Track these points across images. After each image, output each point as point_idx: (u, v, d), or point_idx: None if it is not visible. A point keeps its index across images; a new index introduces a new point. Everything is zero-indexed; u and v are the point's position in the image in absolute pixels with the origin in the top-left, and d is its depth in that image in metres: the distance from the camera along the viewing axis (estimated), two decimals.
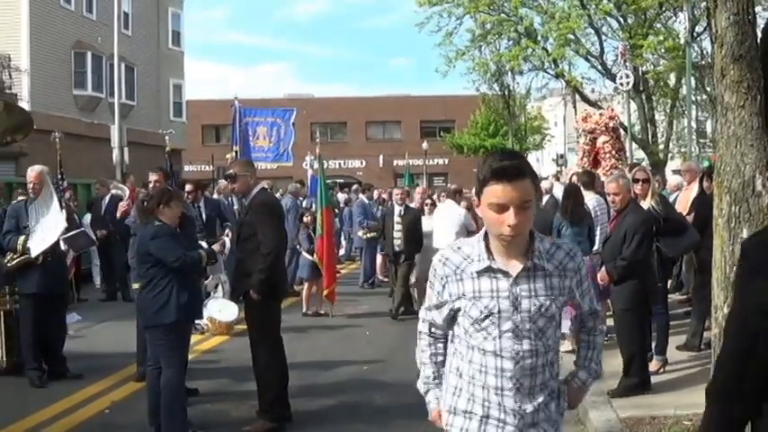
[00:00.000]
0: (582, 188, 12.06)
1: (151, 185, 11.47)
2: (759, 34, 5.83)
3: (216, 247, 9.52)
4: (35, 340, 10.43)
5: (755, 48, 5.68)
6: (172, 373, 8.00)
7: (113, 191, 18.42)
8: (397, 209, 16.18)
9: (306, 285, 15.94)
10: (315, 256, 15.56)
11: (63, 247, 11.16)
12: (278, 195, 21.61)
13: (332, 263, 15.91)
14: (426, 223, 15.73)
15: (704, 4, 25.55)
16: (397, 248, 15.94)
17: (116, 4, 32.51)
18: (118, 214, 14.42)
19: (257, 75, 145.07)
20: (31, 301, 10.44)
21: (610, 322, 9.65)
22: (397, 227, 15.93)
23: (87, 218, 17.74)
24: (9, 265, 10.27)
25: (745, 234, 5.73)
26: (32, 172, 10.71)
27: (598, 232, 11.56)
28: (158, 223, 8.18)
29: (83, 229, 11.78)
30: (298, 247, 16.51)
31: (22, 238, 10.24)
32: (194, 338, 11.87)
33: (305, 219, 16.50)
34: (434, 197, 18.13)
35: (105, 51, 36.69)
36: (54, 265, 10.68)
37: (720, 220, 5.90)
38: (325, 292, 15.56)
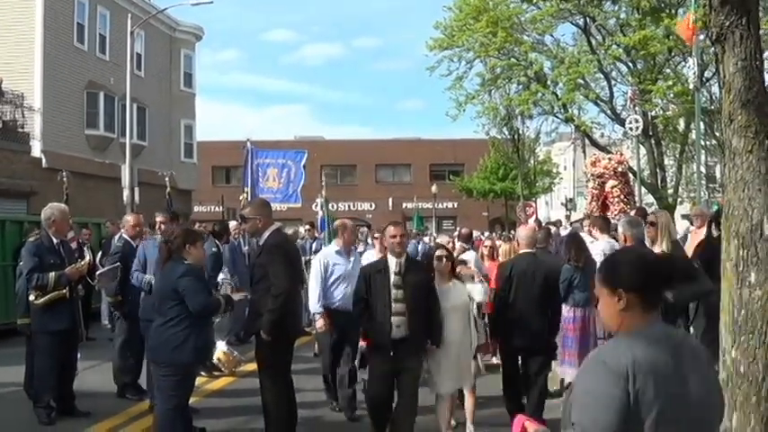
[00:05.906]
0: (598, 231, 12.10)
1: (157, 226, 11.64)
2: (766, 80, 5.89)
3: (236, 296, 9.35)
4: (55, 379, 10.18)
5: (763, 93, 5.74)
6: (166, 412, 7.96)
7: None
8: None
9: None
10: None
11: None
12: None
13: None
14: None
15: (713, 50, 25.51)
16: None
17: (129, 46, 32.85)
18: None
19: (268, 116, 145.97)
20: (56, 339, 10.17)
21: None
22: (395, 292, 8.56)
23: (99, 256, 17.75)
24: (38, 302, 10.01)
25: (753, 278, 5.73)
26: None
27: None
28: (187, 262, 8.07)
29: (117, 264, 11.63)
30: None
31: (52, 275, 10.02)
32: (201, 380, 11.85)
33: None
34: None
35: (117, 92, 36.98)
36: (77, 302, 10.63)
37: (728, 263, 5.90)
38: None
